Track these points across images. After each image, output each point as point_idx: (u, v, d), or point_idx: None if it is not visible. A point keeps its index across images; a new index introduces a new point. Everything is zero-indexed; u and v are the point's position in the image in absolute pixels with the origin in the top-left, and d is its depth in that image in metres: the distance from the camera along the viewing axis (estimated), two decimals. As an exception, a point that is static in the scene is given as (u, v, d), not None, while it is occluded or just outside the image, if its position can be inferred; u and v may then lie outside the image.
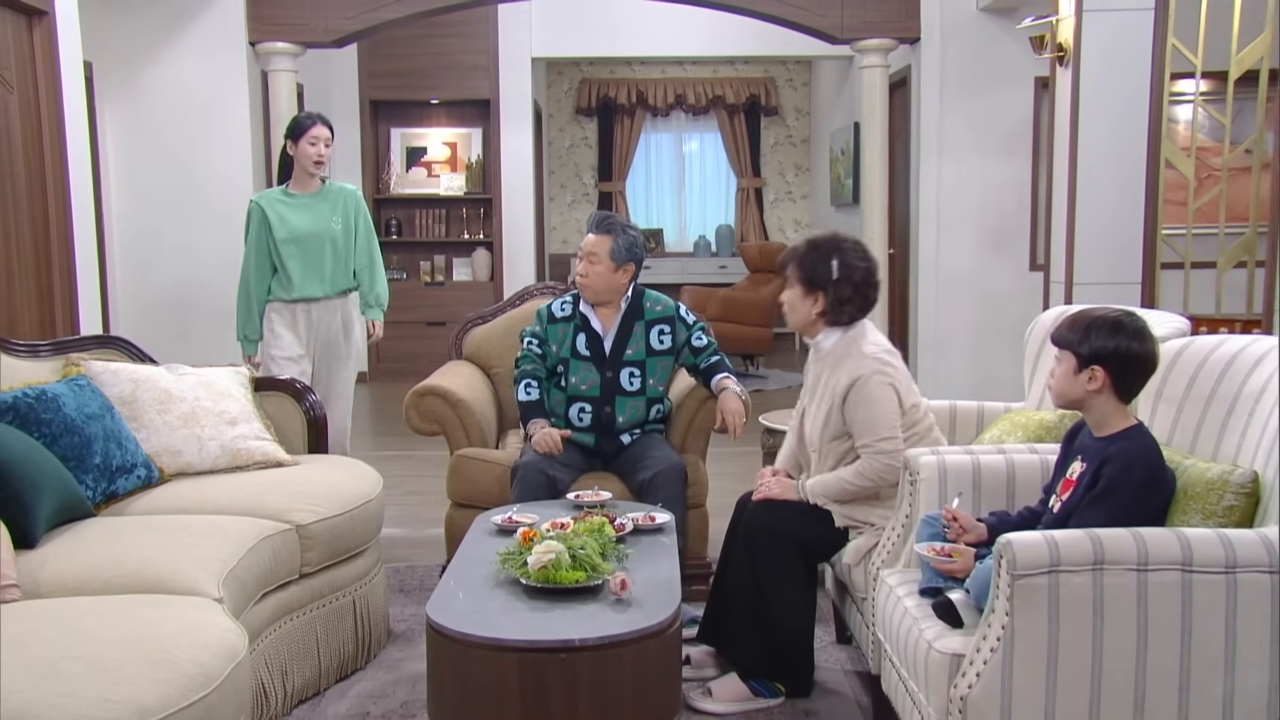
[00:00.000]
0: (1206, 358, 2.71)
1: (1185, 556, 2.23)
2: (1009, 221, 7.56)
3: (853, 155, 9.74)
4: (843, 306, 3.30)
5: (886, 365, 3.26)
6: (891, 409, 3.22)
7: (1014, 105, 7.45)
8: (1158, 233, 5.33)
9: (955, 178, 7.50)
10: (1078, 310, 2.68)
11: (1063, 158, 5.89)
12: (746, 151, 12.48)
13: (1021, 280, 7.51)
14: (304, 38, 7.13)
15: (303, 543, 3.31)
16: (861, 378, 3.21)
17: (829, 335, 3.36)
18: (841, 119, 10.56)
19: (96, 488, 3.32)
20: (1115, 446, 2.54)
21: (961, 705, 2.29)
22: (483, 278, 9.65)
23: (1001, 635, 2.26)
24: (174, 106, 7.02)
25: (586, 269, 4.04)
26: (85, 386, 3.50)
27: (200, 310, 7.00)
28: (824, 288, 3.30)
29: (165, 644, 2.26)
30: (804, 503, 3.31)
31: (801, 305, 3.35)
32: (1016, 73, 7.35)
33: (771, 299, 9.90)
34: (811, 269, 3.31)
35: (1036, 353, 3.71)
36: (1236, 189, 5.44)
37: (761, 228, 12.49)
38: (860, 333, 3.34)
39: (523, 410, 4.07)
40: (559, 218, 12.63)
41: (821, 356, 3.39)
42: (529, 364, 4.11)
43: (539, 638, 2.53)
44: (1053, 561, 2.22)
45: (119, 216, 7.02)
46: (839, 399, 3.24)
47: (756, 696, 3.28)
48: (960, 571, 2.60)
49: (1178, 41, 5.16)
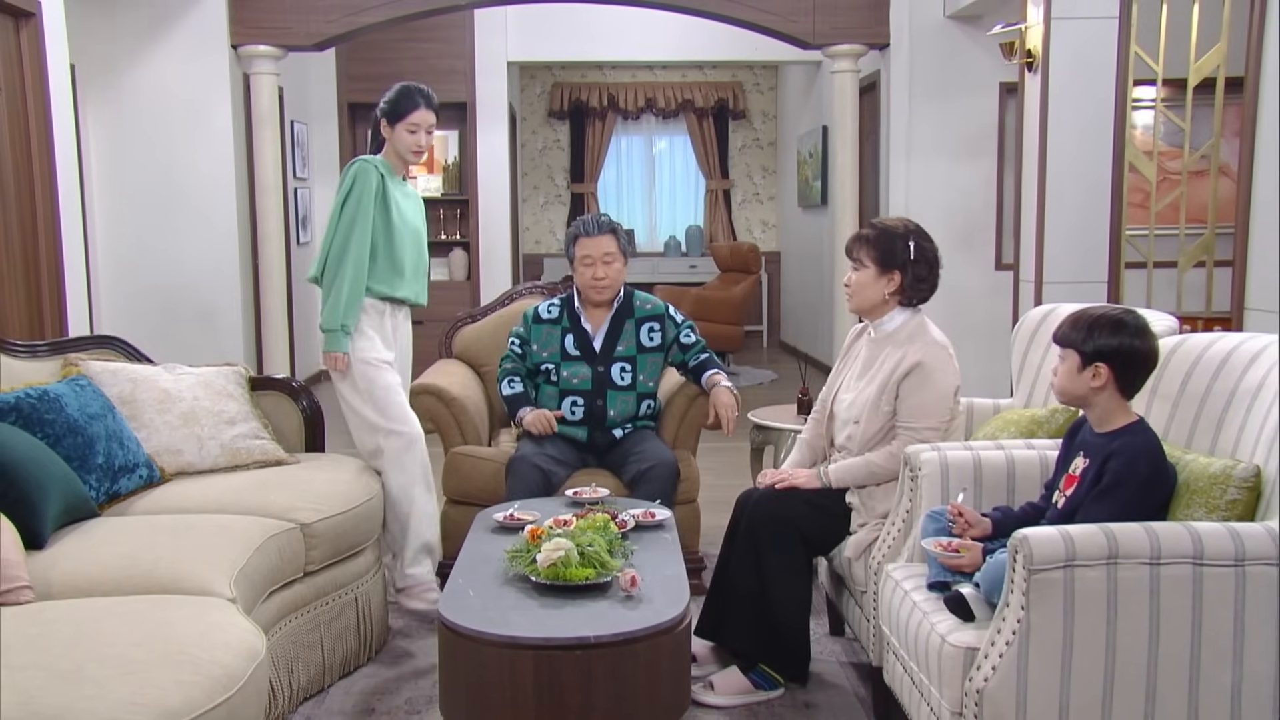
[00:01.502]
0: (1201, 354, 2.71)
1: (1196, 550, 2.22)
2: (975, 222, 7.59)
3: (821, 158, 9.75)
4: (919, 285, 3.32)
5: (952, 358, 3.28)
6: (947, 401, 3.23)
7: (980, 110, 7.47)
8: (1122, 233, 5.36)
9: (923, 179, 7.51)
10: (1079, 309, 2.67)
11: (1032, 161, 5.92)
12: (715, 154, 12.46)
13: (988, 279, 7.54)
14: (285, 41, 7.02)
15: (307, 541, 3.25)
16: (931, 362, 3.21)
17: (894, 318, 3.35)
18: (809, 122, 10.56)
19: (100, 488, 3.24)
20: (1119, 442, 2.53)
21: (978, 698, 2.27)
22: (460, 277, 9.56)
23: (1017, 629, 2.24)
24: (156, 109, 6.89)
25: (606, 271, 3.99)
26: (86, 387, 3.42)
27: (184, 312, 6.88)
28: (901, 268, 3.30)
29: (187, 645, 2.19)
30: (808, 497, 3.28)
31: (874, 286, 3.33)
32: (982, 78, 7.38)
33: (742, 298, 9.91)
34: (887, 249, 3.31)
35: (1024, 351, 3.70)
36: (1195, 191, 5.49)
37: (730, 228, 12.48)
38: (924, 320, 3.36)
39: (509, 403, 4.08)
40: (532, 218, 12.56)
41: (883, 338, 3.37)
42: (510, 363, 4.14)
43: (554, 635, 2.48)
44: (1068, 556, 2.21)
45: (102, 218, 6.89)
46: (899, 376, 3.23)
47: (757, 689, 3.25)
48: (968, 566, 2.58)
49: (1140, 49, 5.19)
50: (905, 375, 3.23)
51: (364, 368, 3.77)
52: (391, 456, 3.79)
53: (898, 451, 3.20)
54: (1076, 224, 5.75)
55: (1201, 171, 5.63)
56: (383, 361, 3.80)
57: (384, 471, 3.80)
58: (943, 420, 3.23)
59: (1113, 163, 5.42)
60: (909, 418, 3.23)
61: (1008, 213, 7.49)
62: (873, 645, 3.06)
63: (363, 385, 3.78)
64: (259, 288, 7.15)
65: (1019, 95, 6.12)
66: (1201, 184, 5.63)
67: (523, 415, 3.98)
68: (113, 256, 6.91)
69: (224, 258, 6.98)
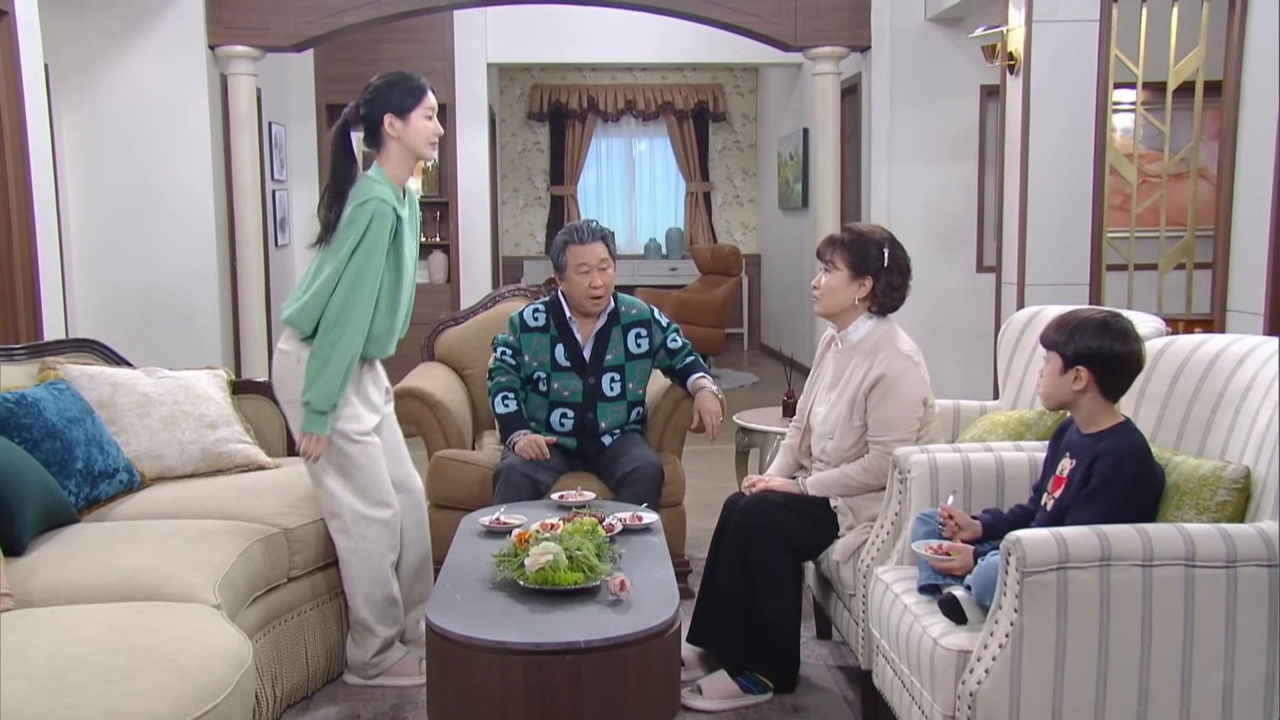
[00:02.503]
0: (1189, 356, 2.72)
1: (1188, 551, 2.22)
2: (957, 224, 7.61)
3: (801, 160, 9.76)
4: (891, 293, 3.32)
5: (919, 366, 3.27)
6: (914, 413, 3.22)
7: (961, 112, 7.49)
8: (1103, 236, 5.39)
9: (905, 182, 7.52)
10: (1066, 312, 2.68)
11: (1014, 163, 5.94)
12: (695, 156, 12.46)
13: (969, 281, 7.56)
14: (264, 41, 6.96)
15: (290, 546, 3.22)
16: (895, 374, 3.20)
17: (860, 326, 3.35)
18: (789, 125, 10.58)
19: (79, 493, 3.20)
20: (1105, 443, 2.53)
21: (971, 701, 2.27)
22: (440, 280, 9.52)
23: (1010, 631, 2.24)
24: (132, 110, 6.81)
25: (603, 279, 3.91)
26: (65, 391, 3.38)
27: (161, 315, 6.81)
28: (874, 273, 3.30)
29: (171, 652, 2.17)
30: (794, 502, 3.28)
31: (845, 290, 3.33)
32: (963, 81, 7.40)
33: (723, 300, 9.91)
34: (862, 254, 3.31)
35: (1010, 354, 3.71)
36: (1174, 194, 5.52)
37: (710, 231, 12.48)
38: (893, 329, 3.35)
39: (502, 423, 3.96)
40: (511, 221, 12.53)
41: (849, 349, 3.37)
42: (503, 376, 4.00)
43: (543, 640, 2.46)
44: (1061, 558, 2.21)
45: (76, 220, 6.81)
46: (865, 389, 3.22)
47: (746, 693, 3.25)
48: (959, 569, 2.58)
49: (1120, 52, 5.22)
50: (871, 388, 3.23)
51: (343, 443, 3.20)
52: (358, 536, 3.28)
53: (871, 466, 3.21)
54: (1058, 226, 5.77)
55: (1181, 174, 5.67)
56: (364, 435, 3.24)
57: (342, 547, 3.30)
58: (910, 431, 3.22)
59: (1094, 165, 5.44)
60: (877, 431, 3.23)
61: (989, 215, 7.51)
62: (861, 649, 3.06)
63: (337, 461, 3.21)
64: (237, 290, 7.09)
65: (1000, 98, 6.15)
66: (1181, 187, 5.67)
67: (515, 440, 3.85)
68: (88, 259, 6.83)
69: (201, 260, 6.91)
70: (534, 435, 3.86)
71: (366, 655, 3.37)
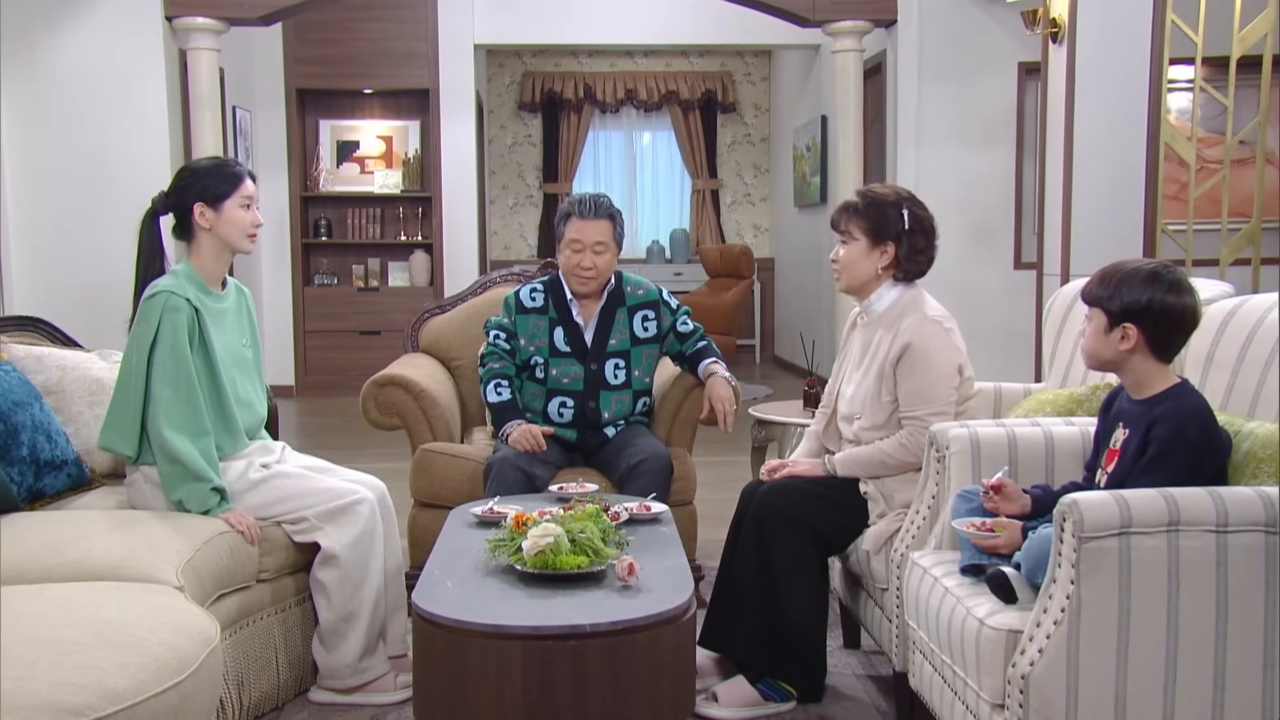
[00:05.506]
0: (1263, 318, 2.70)
1: (1269, 516, 2.20)
2: (992, 217, 7.62)
3: (819, 152, 9.79)
4: (916, 257, 3.32)
5: (950, 333, 3.25)
6: (949, 382, 3.22)
7: (997, 92, 7.52)
8: (1158, 226, 5.37)
9: (934, 170, 7.53)
10: (1111, 264, 2.65)
11: (1056, 144, 5.93)
12: (702, 151, 12.50)
13: (1005, 279, 7.56)
14: (227, 13, 6.97)
15: (261, 546, 3.19)
16: (922, 342, 3.19)
17: (884, 295, 3.34)
18: (805, 114, 10.62)
19: (22, 483, 3.18)
20: (1162, 407, 2.50)
21: (1023, 685, 2.24)
22: (421, 282, 9.53)
23: (1066, 605, 2.21)
24: (80, 85, 6.81)
25: (594, 260, 3.87)
26: (10, 372, 3.36)
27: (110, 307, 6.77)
28: (896, 239, 3.30)
29: (129, 625, 2.15)
30: (819, 488, 3.26)
31: (866, 260, 3.33)
32: (1000, 57, 7.43)
33: (734, 305, 9.92)
34: (879, 219, 3.31)
35: (1057, 330, 3.70)
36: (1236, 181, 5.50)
37: (718, 232, 12.50)
38: (919, 294, 3.34)
39: (494, 412, 3.92)
40: (500, 222, 12.54)
41: (873, 321, 3.37)
42: (496, 361, 3.97)
43: (544, 624, 2.44)
44: (1124, 522, 2.18)
45: (15, 205, 6.78)
46: (892, 360, 3.21)
47: (766, 701, 3.22)
48: (1005, 547, 2.55)
49: (1177, 18, 5.22)
50: (898, 360, 3.22)
51: (251, 489, 3.24)
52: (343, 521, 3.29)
53: (908, 442, 3.20)
54: (1107, 214, 5.76)
55: (1244, 160, 5.66)
56: (264, 467, 3.31)
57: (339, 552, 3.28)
58: (947, 403, 3.21)
59: (1147, 145, 5.42)
60: (909, 406, 3.22)
61: (1028, 206, 7.53)
62: (896, 649, 3.03)
63: (266, 500, 3.25)
64: (196, 286, 7.09)
65: (1042, 72, 6.16)
66: (1244, 173, 5.66)
67: (509, 431, 3.82)
68: (28, 247, 6.80)
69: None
70: (530, 425, 3.84)
71: (348, 658, 3.33)
